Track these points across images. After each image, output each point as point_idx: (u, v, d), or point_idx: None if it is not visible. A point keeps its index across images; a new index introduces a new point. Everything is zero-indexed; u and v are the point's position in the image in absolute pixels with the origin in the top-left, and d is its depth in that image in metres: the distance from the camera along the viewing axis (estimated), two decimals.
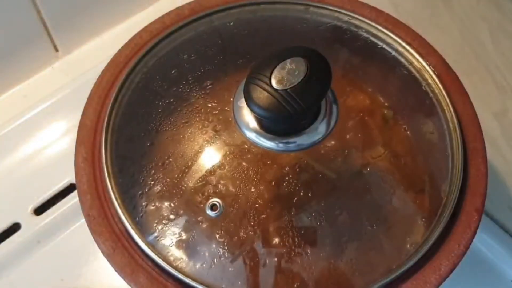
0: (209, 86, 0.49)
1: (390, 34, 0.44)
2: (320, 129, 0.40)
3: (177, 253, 0.41)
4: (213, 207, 0.43)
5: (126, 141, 0.41)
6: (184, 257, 0.41)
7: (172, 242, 0.42)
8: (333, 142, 0.46)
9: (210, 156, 0.46)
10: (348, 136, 0.47)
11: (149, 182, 0.44)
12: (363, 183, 0.44)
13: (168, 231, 0.42)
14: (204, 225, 0.43)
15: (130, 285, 0.35)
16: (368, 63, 0.47)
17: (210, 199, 0.44)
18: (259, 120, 0.40)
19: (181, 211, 0.43)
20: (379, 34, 0.44)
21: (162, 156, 0.46)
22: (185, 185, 0.44)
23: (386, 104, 0.48)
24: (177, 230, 0.42)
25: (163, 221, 0.43)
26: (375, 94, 0.49)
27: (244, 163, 0.43)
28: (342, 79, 0.50)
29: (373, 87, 0.49)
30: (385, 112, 0.48)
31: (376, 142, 0.46)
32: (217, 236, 0.42)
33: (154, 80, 0.43)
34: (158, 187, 0.44)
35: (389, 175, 0.45)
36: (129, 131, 0.42)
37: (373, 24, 0.44)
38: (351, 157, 0.46)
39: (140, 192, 0.44)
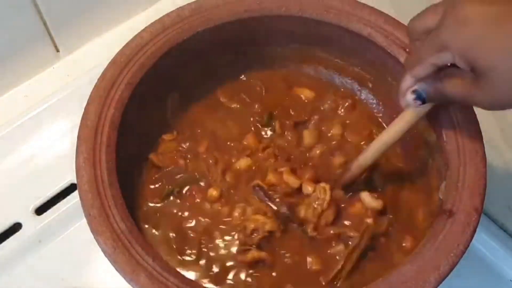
0: (211, 86, 0.49)
1: (389, 35, 0.44)
2: None
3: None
4: None
5: (127, 140, 0.41)
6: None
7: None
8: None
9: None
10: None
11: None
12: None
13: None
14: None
15: (130, 284, 0.35)
16: (368, 63, 0.47)
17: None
18: None
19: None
20: (379, 34, 0.44)
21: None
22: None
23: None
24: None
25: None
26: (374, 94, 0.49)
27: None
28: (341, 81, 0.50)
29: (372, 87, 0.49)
30: None
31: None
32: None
33: (155, 80, 0.44)
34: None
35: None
36: (130, 131, 0.42)
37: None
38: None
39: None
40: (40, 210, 0.52)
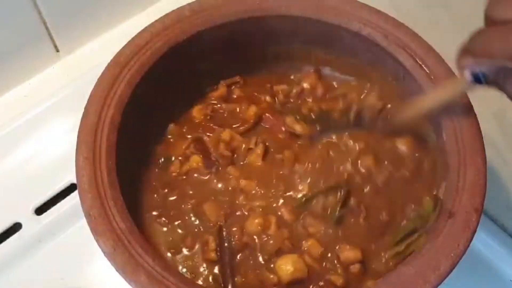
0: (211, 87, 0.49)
1: (389, 34, 0.44)
2: None
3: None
4: None
5: (127, 140, 0.41)
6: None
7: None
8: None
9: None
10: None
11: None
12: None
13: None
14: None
15: (130, 284, 0.35)
16: (368, 63, 0.47)
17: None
18: None
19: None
20: (379, 34, 0.44)
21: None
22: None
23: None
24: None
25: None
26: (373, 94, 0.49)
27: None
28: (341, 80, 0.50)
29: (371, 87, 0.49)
30: None
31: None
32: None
33: (155, 80, 0.44)
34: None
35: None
36: (130, 131, 0.42)
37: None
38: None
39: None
40: (40, 210, 0.52)
